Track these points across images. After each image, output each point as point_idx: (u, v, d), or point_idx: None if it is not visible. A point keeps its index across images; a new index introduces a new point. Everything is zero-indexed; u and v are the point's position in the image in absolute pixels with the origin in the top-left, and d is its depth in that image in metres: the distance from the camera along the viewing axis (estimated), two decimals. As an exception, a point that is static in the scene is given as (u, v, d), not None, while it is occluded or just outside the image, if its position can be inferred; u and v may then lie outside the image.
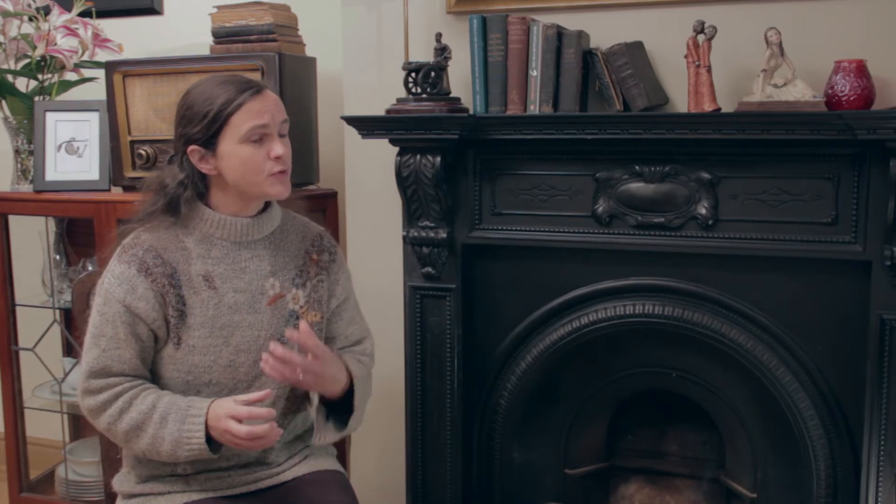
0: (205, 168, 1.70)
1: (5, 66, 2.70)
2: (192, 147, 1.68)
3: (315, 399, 1.76)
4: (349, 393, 1.76)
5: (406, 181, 2.14)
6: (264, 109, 1.67)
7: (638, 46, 2.06)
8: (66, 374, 2.74)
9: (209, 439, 1.64)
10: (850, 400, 1.96)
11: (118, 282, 1.68)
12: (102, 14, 2.78)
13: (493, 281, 2.22)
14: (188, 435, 1.63)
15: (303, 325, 1.67)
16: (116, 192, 2.62)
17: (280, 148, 1.69)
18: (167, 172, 1.75)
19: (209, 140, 1.67)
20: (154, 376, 1.73)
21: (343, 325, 1.88)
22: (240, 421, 1.60)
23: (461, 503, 2.26)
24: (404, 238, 2.21)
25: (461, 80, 2.18)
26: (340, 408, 1.78)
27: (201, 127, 1.66)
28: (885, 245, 1.84)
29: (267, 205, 1.79)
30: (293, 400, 1.80)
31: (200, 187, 1.72)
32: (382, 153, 2.24)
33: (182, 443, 1.63)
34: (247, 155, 1.66)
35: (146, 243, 1.70)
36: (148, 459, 1.73)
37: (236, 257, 1.74)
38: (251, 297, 1.73)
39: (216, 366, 1.70)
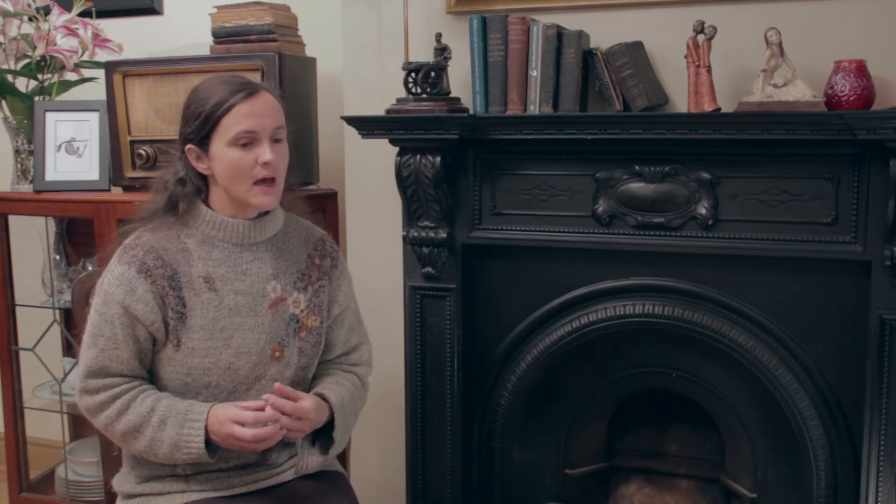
0: (200, 168, 1.70)
1: (5, 66, 2.70)
2: (188, 146, 1.69)
3: None
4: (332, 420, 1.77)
5: (406, 181, 2.14)
6: (254, 113, 1.66)
7: (638, 46, 2.06)
8: (66, 374, 2.74)
9: (207, 443, 1.64)
10: (850, 400, 1.96)
11: (118, 283, 1.67)
12: (102, 14, 2.78)
13: (493, 281, 2.22)
14: (187, 439, 1.63)
15: (279, 388, 1.67)
16: (116, 192, 2.62)
17: (268, 154, 1.66)
18: (170, 171, 1.75)
19: (202, 140, 1.67)
20: (153, 377, 1.73)
21: (344, 332, 1.88)
22: (243, 425, 1.61)
23: (461, 503, 2.26)
24: (404, 238, 2.21)
25: (461, 80, 2.18)
26: (326, 430, 1.78)
27: (195, 126, 1.67)
28: (885, 245, 1.84)
29: None
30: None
31: (200, 185, 1.72)
32: (382, 153, 2.24)
33: (181, 446, 1.63)
34: (234, 159, 1.65)
35: (147, 244, 1.70)
36: (147, 459, 1.73)
37: (237, 259, 1.73)
38: (252, 299, 1.73)
39: (215, 368, 1.70)
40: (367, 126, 2.13)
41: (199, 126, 1.66)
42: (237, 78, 1.73)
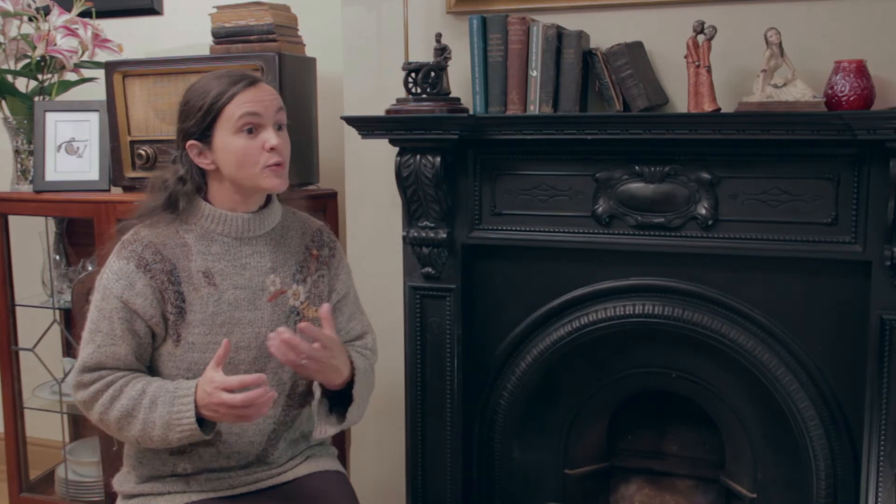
0: (203, 163, 1.70)
1: (5, 66, 2.70)
2: (190, 142, 1.69)
3: (317, 392, 1.76)
4: (350, 384, 1.75)
5: (406, 181, 2.14)
6: (257, 99, 1.67)
7: (638, 46, 2.06)
8: (66, 375, 2.74)
9: (200, 421, 1.63)
10: (850, 400, 1.96)
11: (116, 277, 1.67)
12: (102, 14, 2.78)
13: (493, 281, 2.22)
14: (178, 417, 1.61)
15: (324, 309, 1.67)
16: (116, 193, 2.63)
17: (274, 138, 1.67)
18: (168, 170, 1.75)
19: (204, 133, 1.67)
20: (153, 373, 1.73)
21: (344, 321, 1.88)
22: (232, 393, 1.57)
23: (461, 503, 2.26)
24: (404, 238, 2.21)
25: (461, 80, 2.18)
26: (341, 400, 1.77)
27: (196, 120, 1.67)
28: (885, 245, 1.84)
29: (268, 201, 1.79)
30: (294, 398, 1.80)
31: (199, 182, 1.72)
32: (382, 153, 2.24)
33: (173, 425, 1.61)
34: (240, 146, 1.66)
35: (145, 239, 1.70)
36: (148, 459, 1.73)
37: (237, 253, 1.74)
38: (251, 293, 1.73)
39: (216, 363, 1.69)
40: (367, 126, 2.13)
41: (201, 119, 1.66)
42: (233, 71, 1.74)
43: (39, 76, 2.70)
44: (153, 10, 2.99)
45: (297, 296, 1.78)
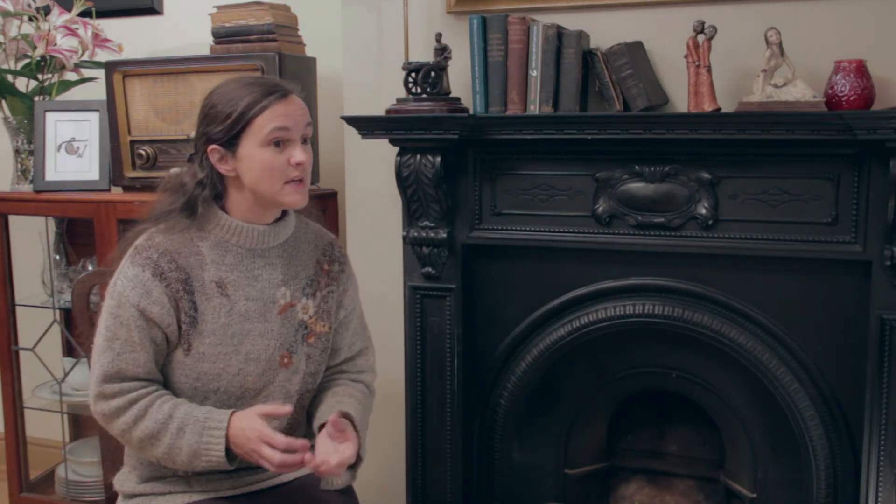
0: (223, 169, 1.67)
1: (5, 66, 2.70)
2: (212, 146, 1.66)
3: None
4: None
5: (406, 181, 2.14)
6: (289, 114, 1.65)
7: (638, 46, 2.06)
8: (66, 374, 2.74)
9: (227, 451, 1.62)
10: (850, 400, 1.96)
11: (132, 285, 1.65)
12: (102, 14, 2.78)
13: (493, 281, 2.22)
14: (207, 447, 1.61)
15: (332, 421, 1.66)
16: (116, 192, 2.62)
17: (301, 154, 1.65)
18: (186, 171, 1.72)
19: (230, 140, 1.65)
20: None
21: (348, 336, 1.87)
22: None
23: (461, 503, 2.26)
24: (404, 238, 2.21)
25: (461, 80, 2.18)
26: None
27: (224, 127, 1.64)
28: (885, 245, 1.84)
29: (284, 212, 1.78)
30: (299, 409, 1.80)
31: (218, 188, 1.70)
32: (382, 153, 2.24)
33: (200, 454, 1.61)
34: (267, 159, 1.64)
35: (161, 246, 1.67)
36: (149, 460, 1.73)
37: (250, 265, 1.72)
38: (262, 305, 1.72)
39: (225, 374, 1.68)
40: (367, 126, 2.13)
41: (230, 126, 1.64)
42: (264, 79, 1.71)
43: (39, 76, 2.70)
44: (153, 10, 2.99)
45: (307, 310, 1.77)
